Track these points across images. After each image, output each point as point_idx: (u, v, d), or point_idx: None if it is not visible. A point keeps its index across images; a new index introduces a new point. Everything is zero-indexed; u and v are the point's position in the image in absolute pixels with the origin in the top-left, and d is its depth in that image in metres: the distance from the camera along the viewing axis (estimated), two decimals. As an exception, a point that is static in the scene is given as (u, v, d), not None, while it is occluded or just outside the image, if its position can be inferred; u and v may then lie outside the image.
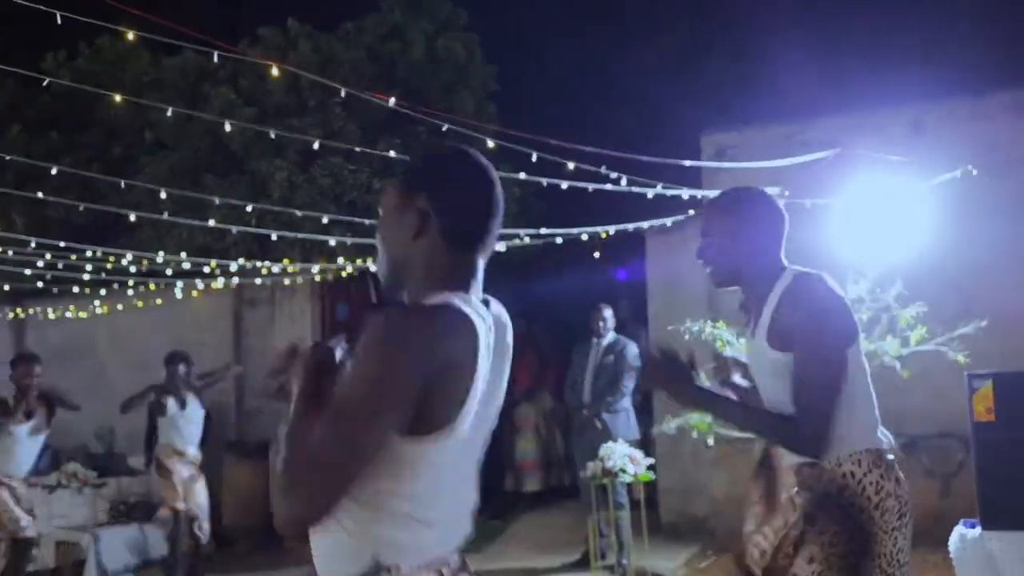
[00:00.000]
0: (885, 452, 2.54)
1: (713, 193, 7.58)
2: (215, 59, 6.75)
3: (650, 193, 6.79)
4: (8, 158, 7.45)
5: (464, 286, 1.82)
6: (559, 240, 8.34)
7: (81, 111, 10.90)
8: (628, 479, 6.17)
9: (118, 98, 6.62)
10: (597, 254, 9.00)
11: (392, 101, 5.95)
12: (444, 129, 6.30)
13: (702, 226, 2.82)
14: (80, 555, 7.53)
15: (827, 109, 7.82)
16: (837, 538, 2.38)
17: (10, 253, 7.90)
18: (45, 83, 6.04)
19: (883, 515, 2.42)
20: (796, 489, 2.51)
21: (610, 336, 7.40)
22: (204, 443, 7.38)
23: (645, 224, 7.82)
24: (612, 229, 7.91)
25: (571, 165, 6.67)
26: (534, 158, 6.91)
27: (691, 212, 7.88)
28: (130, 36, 5.46)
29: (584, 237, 8.09)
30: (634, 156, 6.86)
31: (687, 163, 7.08)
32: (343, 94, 6.50)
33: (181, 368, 7.24)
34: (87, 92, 9.25)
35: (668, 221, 7.85)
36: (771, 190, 7.31)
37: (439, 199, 1.82)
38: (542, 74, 11.29)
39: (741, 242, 2.67)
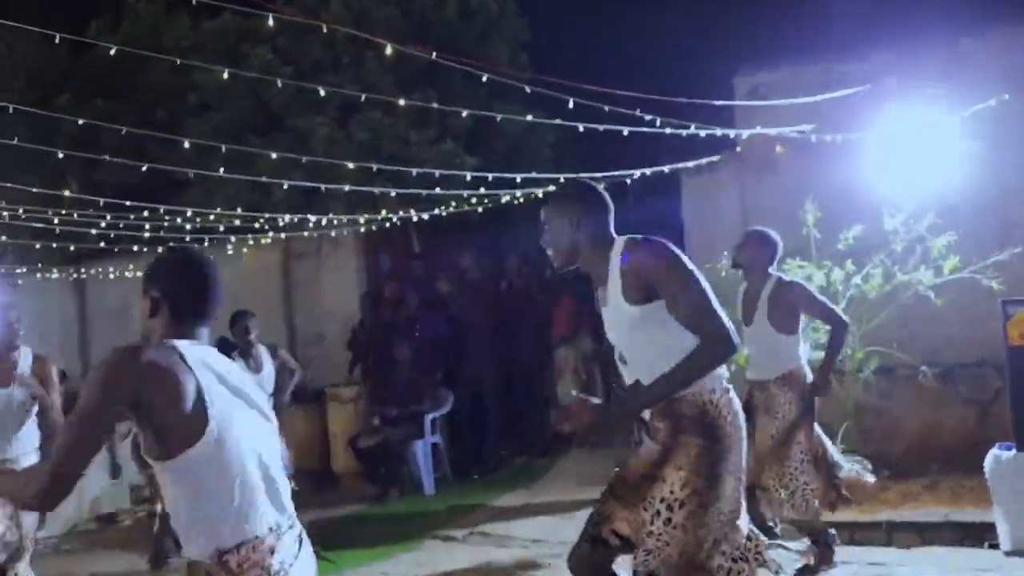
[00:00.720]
0: (727, 382, 3.04)
1: (747, 133, 7.74)
2: (268, 22, 6.87)
3: (684, 133, 6.90)
4: (66, 118, 7.70)
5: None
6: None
7: (126, 77, 11.18)
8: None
9: (178, 62, 6.83)
10: (633, 197, 9.13)
11: (435, 55, 6.08)
12: (484, 79, 6.42)
13: (543, 216, 3.26)
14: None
15: (861, 44, 7.83)
16: (702, 449, 2.90)
17: (75, 215, 8.26)
18: (95, 49, 6.23)
19: (735, 431, 2.96)
20: (651, 416, 3.00)
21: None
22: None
23: (679, 165, 7.94)
24: (644, 171, 8.04)
25: (606, 108, 6.79)
26: (571, 104, 7.06)
27: (735, 150, 8.01)
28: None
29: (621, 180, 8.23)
30: (668, 98, 6.98)
31: (720, 103, 7.22)
32: (388, 49, 6.61)
33: (250, 325, 6.79)
34: (131, 59, 9.52)
35: (703, 161, 7.96)
36: (805, 127, 7.45)
37: (164, 289, 2.47)
38: (574, 23, 11.34)
39: (577, 228, 3.15)
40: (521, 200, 9.37)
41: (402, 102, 8.00)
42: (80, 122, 6.85)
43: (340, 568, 6.03)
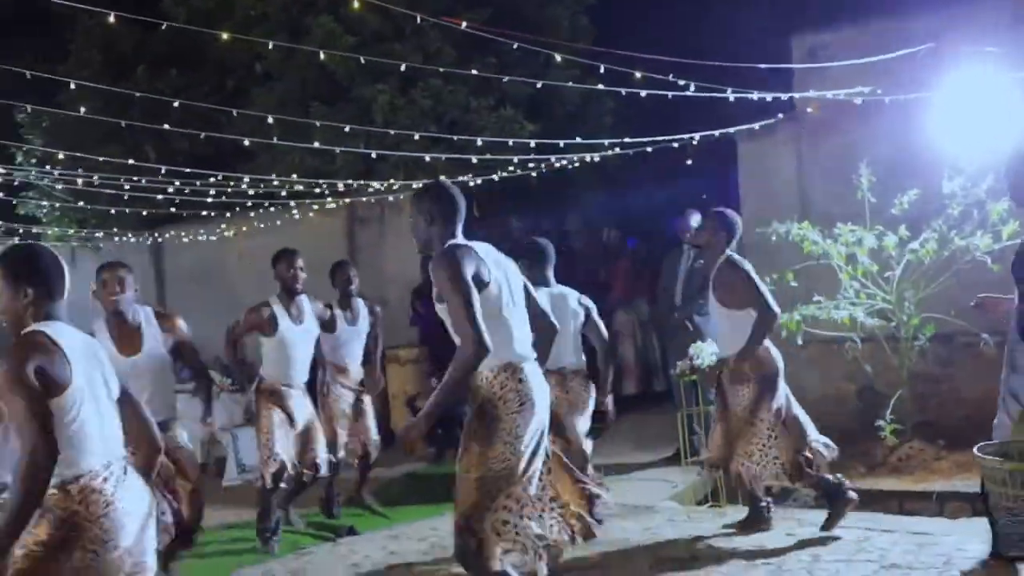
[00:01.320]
0: (515, 362, 3.53)
1: (805, 95, 7.64)
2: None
3: (755, 96, 6.85)
4: (137, 95, 8.02)
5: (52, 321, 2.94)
6: (649, 149, 8.48)
7: (197, 48, 11.49)
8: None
9: (224, 36, 7.06)
10: (689, 161, 9.11)
11: (504, 33, 6.16)
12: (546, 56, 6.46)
13: (410, 210, 3.80)
14: (222, 452, 8.38)
15: (922, 2, 7.64)
16: (475, 420, 3.51)
17: (143, 181, 8.61)
18: (163, 26, 6.49)
19: (504, 403, 3.47)
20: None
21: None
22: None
23: (732, 129, 7.89)
24: (700, 135, 8.02)
25: (671, 77, 6.80)
26: (638, 75, 7.09)
27: (791, 112, 7.93)
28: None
29: (675, 145, 8.23)
30: (726, 63, 6.95)
31: (780, 66, 7.14)
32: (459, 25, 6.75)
33: (352, 275, 6.58)
34: (203, 30, 9.80)
35: (757, 125, 7.90)
36: (864, 88, 7.31)
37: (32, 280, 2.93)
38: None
39: (430, 223, 3.64)
40: (578, 165, 9.42)
41: (486, 76, 7.98)
42: (135, 96, 6.93)
43: (392, 523, 6.28)
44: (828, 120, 7.77)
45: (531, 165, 9.32)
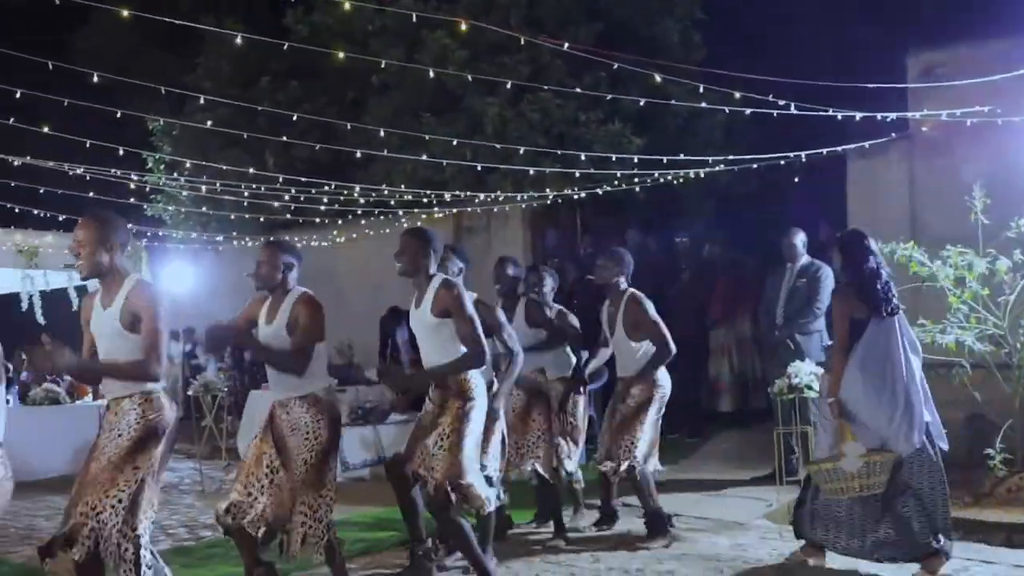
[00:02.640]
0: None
1: (919, 114, 7.49)
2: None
3: (839, 116, 6.79)
4: (260, 108, 8.43)
5: None
6: (755, 166, 8.44)
7: (318, 61, 11.97)
8: (813, 395, 6.35)
9: (341, 55, 7.37)
10: (797, 179, 9.01)
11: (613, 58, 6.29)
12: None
13: (400, 242, 4.77)
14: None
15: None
16: (459, 408, 4.60)
17: (263, 188, 9.04)
18: (285, 47, 6.85)
19: (480, 400, 4.65)
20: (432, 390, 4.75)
21: (803, 260, 7.47)
22: None
23: (841, 148, 7.79)
24: (807, 154, 7.95)
25: (772, 98, 6.79)
26: (737, 96, 7.10)
27: (905, 132, 7.79)
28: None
29: (781, 163, 8.17)
30: (840, 84, 6.90)
31: (893, 86, 7.04)
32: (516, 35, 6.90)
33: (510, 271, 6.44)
34: (321, 43, 10.24)
35: (867, 144, 7.78)
36: (982, 108, 7.13)
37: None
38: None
39: (422, 257, 4.68)
40: (683, 180, 9.43)
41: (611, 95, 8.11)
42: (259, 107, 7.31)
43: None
44: (942, 140, 7.59)
45: (636, 180, 9.38)
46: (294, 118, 7.91)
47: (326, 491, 4.19)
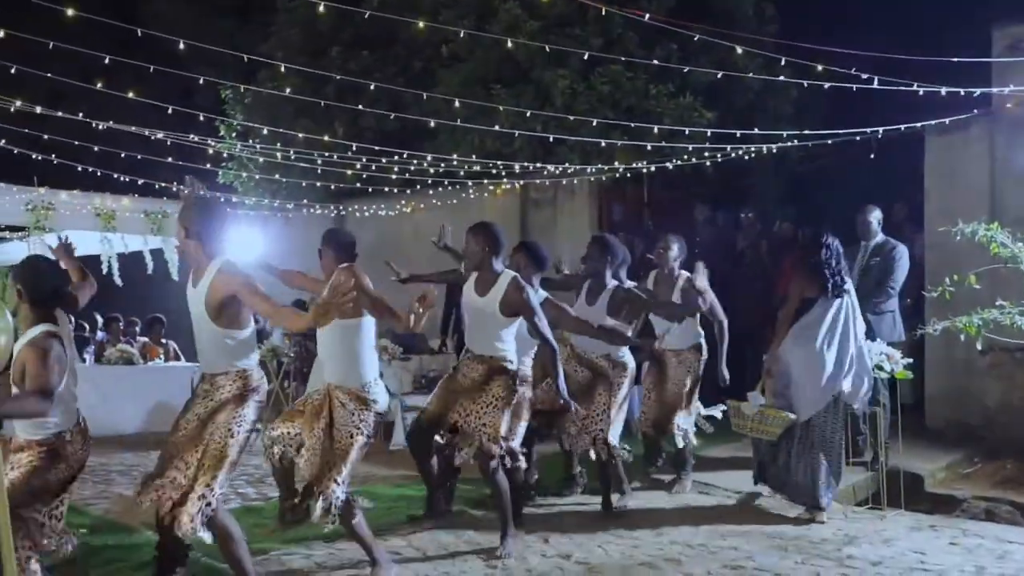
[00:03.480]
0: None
1: (1007, 90, 7.25)
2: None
3: (944, 91, 6.59)
4: (337, 77, 8.48)
5: (52, 322, 3.75)
6: (830, 142, 8.27)
7: (389, 31, 12.02)
8: (884, 376, 6.23)
9: (421, 24, 7.37)
10: (872, 155, 8.80)
11: (647, 16, 6.23)
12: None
13: (468, 235, 5.05)
14: (390, 417, 8.81)
15: None
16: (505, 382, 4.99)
17: (334, 157, 9.13)
18: (367, 15, 6.88)
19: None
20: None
21: (878, 238, 7.31)
22: None
23: (919, 124, 7.59)
24: (884, 129, 7.76)
25: (854, 71, 6.64)
26: (820, 68, 6.95)
27: (974, 111, 7.56)
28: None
29: (857, 138, 8.00)
30: (917, 57, 6.71)
31: (978, 60, 6.82)
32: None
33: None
34: (392, 13, 10.26)
35: (947, 120, 7.57)
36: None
37: (23, 284, 3.76)
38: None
39: (484, 252, 4.98)
40: (754, 155, 9.29)
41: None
42: (330, 76, 7.38)
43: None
44: (1029, 116, 7.36)
45: (706, 154, 9.27)
46: (371, 87, 7.98)
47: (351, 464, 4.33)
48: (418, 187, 11.21)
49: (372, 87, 8.49)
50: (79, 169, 9.82)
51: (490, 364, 4.99)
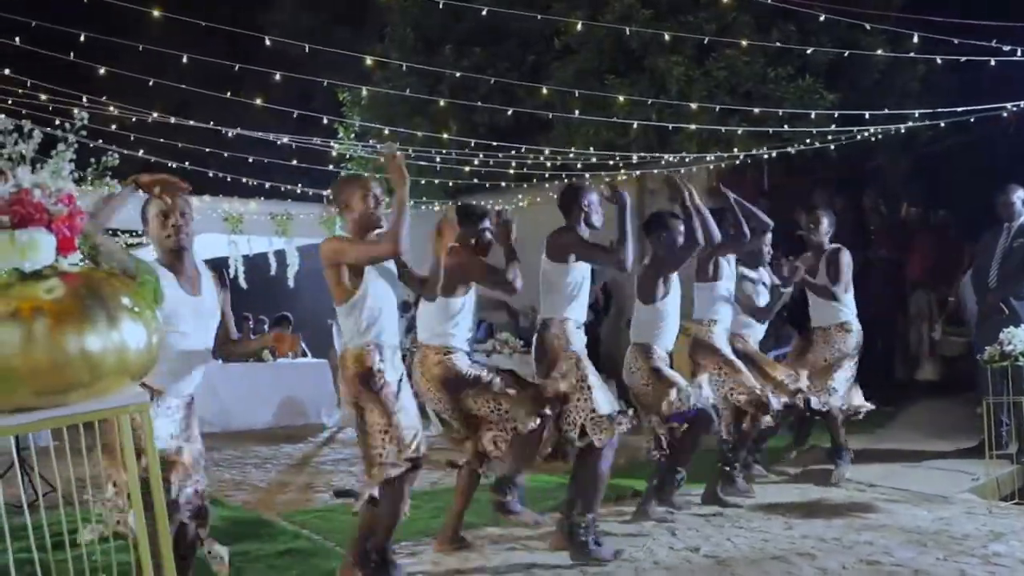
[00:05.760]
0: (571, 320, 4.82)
1: None
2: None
3: None
4: (457, 74, 8.56)
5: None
6: (972, 119, 7.90)
7: (500, 26, 12.07)
8: (1030, 364, 5.93)
9: (539, 17, 7.38)
10: (1012, 130, 8.35)
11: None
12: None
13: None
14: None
15: None
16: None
17: (453, 153, 9.24)
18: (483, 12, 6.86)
19: (565, 350, 4.71)
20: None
21: (1022, 219, 6.94)
22: None
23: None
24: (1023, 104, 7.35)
25: (993, 43, 6.33)
26: (956, 42, 6.65)
27: None
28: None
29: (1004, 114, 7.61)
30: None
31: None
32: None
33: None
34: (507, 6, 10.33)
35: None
36: None
37: None
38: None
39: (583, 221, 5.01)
40: (881, 137, 8.95)
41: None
42: (444, 73, 7.48)
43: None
44: None
45: (830, 137, 8.98)
46: (491, 81, 8.02)
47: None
48: (534, 181, 11.23)
49: (492, 81, 8.53)
50: (210, 175, 10.22)
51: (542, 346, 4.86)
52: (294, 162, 10.38)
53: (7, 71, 7.38)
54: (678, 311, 5.40)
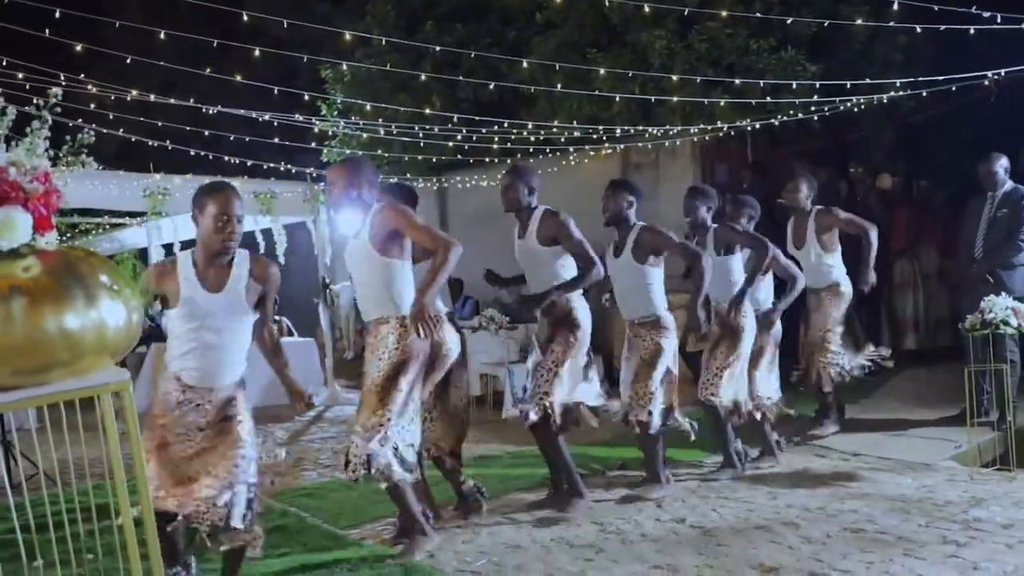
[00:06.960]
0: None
1: None
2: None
3: None
4: (438, 49, 8.51)
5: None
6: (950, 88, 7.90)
7: (481, 1, 12.00)
8: (1010, 331, 5.96)
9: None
10: (993, 98, 8.35)
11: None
12: None
13: (507, 180, 5.28)
14: (499, 386, 8.92)
15: None
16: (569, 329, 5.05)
17: (435, 129, 9.20)
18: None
19: (581, 323, 5.10)
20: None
21: (1006, 187, 6.94)
22: None
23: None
24: (1003, 72, 7.35)
25: (972, 9, 6.32)
26: (937, 9, 6.64)
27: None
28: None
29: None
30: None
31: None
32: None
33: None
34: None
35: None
36: None
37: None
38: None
39: (528, 194, 5.19)
40: (863, 107, 8.95)
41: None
42: (426, 49, 7.41)
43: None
44: None
45: (813, 108, 8.98)
46: (471, 55, 7.97)
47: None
48: (518, 156, 11.20)
49: (472, 55, 8.48)
50: (191, 154, 10.14)
51: (551, 314, 5.09)
52: (276, 140, 10.29)
53: (-18, 50, 7.30)
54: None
